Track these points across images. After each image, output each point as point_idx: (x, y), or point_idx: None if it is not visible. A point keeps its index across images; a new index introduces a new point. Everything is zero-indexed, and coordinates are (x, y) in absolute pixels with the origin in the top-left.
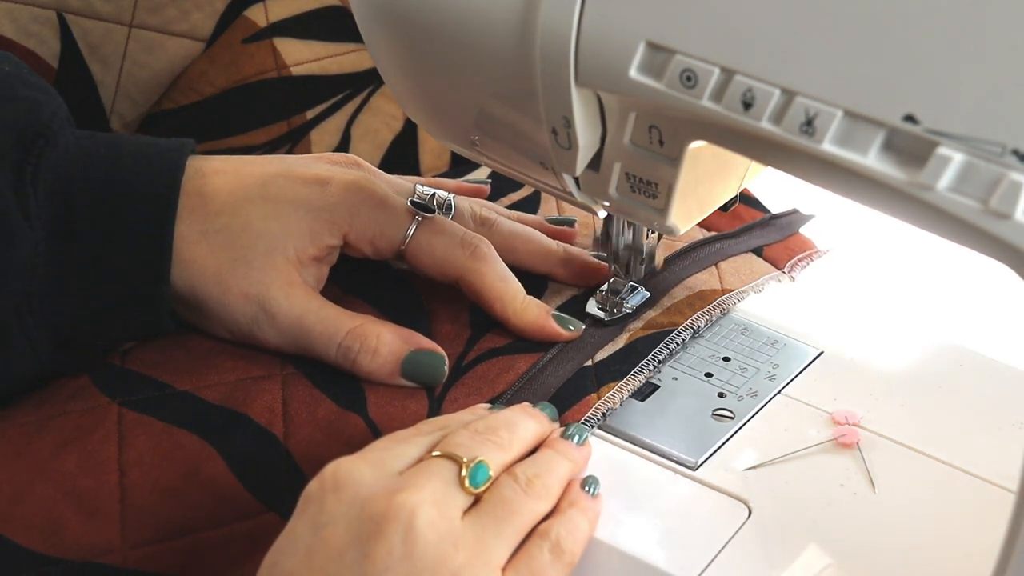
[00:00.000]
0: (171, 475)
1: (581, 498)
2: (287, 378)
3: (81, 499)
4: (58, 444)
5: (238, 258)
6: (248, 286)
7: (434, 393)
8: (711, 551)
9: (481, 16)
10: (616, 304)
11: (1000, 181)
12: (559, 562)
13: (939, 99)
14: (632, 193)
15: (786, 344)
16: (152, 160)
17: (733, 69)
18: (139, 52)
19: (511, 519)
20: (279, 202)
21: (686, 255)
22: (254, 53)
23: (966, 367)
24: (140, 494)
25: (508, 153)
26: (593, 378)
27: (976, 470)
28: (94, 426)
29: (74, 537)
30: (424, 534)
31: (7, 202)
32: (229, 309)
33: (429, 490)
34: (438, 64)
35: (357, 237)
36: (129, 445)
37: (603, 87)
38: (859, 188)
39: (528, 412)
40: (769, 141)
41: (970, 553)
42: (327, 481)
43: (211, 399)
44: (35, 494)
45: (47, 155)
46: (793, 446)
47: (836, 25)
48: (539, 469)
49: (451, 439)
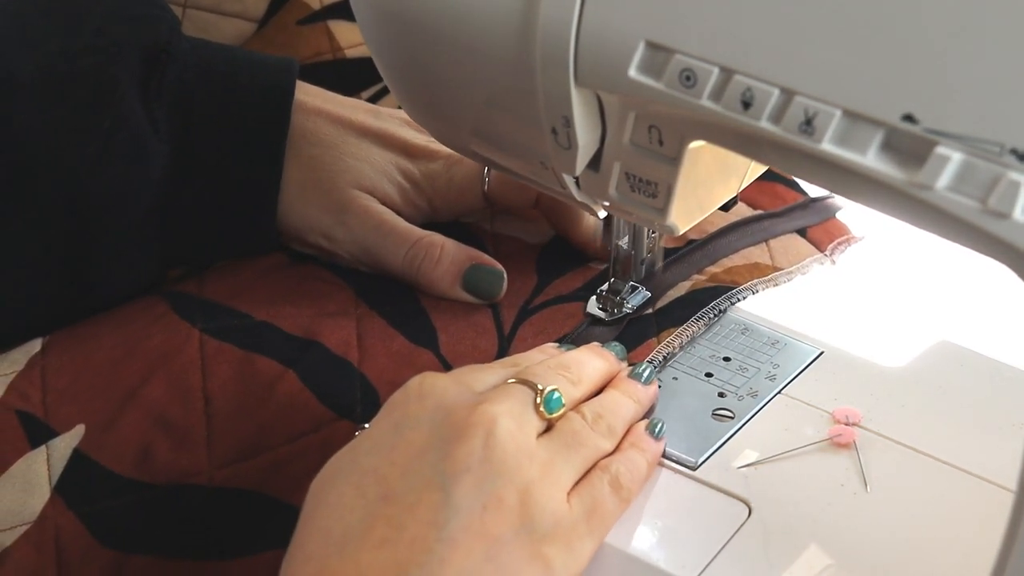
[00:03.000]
0: (251, 398)
1: (643, 439)
2: (361, 316)
3: (169, 426)
4: (145, 371)
5: (323, 179)
6: (328, 201)
7: (503, 332)
8: (711, 551)
9: (481, 16)
10: (616, 304)
11: (999, 180)
12: (617, 496)
13: (938, 98)
14: (632, 193)
15: (786, 344)
16: (268, 74)
17: (732, 68)
18: (193, 32)
19: (579, 449)
20: (370, 154)
21: (736, 228)
22: (309, 35)
23: (966, 367)
24: (223, 419)
25: (508, 153)
26: (654, 323)
27: (976, 470)
28: (177, 352)
29: (164, 462)
30: (504, 441)
31: (139, 118)
32: (307, 218)
33: (508, 405)
34: (438, 64)
35: (443, 207)
36: (212, 374)
37: (603, 87)
38: (858, 188)
39: (596, 351)
40: (768, 140)
41: (970, 553)
42: (412, 390)
43: (288, 329)
44: (125, 422)
45: (170, 69)
46: (793, 446)
47: (835, 25)
48: (604, 409)
49: (527, 370)
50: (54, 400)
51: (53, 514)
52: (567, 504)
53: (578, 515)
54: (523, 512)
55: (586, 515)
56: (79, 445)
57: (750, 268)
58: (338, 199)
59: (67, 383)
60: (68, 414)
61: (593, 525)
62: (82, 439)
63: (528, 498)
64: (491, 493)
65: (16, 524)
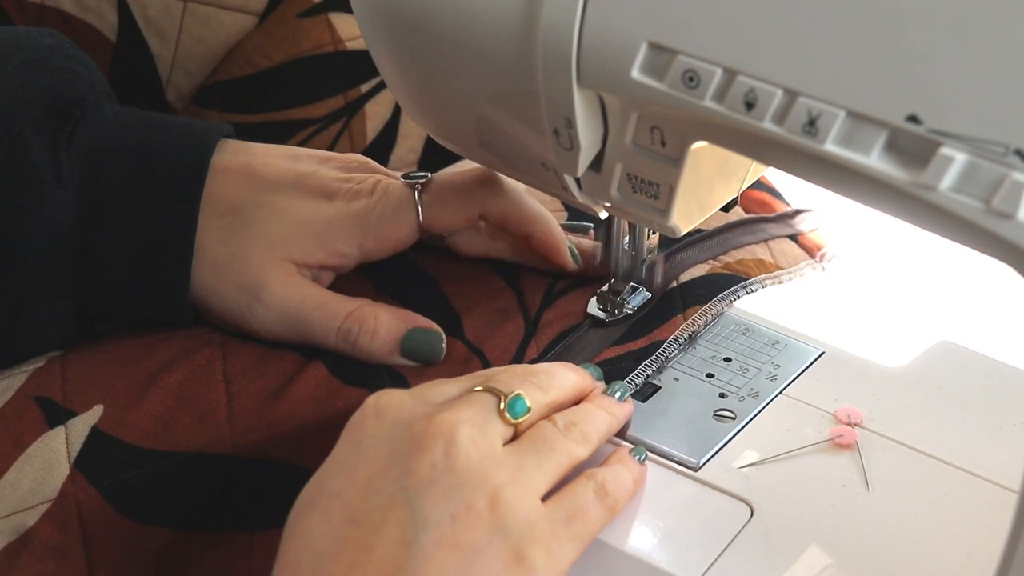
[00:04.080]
0: (275, 380)
1: (627, 459)
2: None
3: (190, 403)
4: (166, 361)
5: (237, 253)
6: (243, 279)
7: (529, 317)
8: (713, 552)
9: (483, 17)
10: (617, 304)
11: (1003, 181)
12: (602, 504)
13: (942, 99)
14: (634, 194)
15: (787, 344)
16: (183, 138)
17: (735, 69)
18: (195, 26)
19: (550, 454)
20: (286, 209)
21: (739, 226)
22: (310, 28)
23: (967, 367)
24: (246, 397)
25: (509, 154)
26: (679, 300)
27: (978, 470)
28: (198, 347)
29: (185, 433)
30: (466, 449)
31: (40, 161)
32: (224, 299)
33: (470, 413)
34: (439, 65)
35: (375, 247)
36: (233, 362)
37: (605, 88)
38: (861, 188)
39: (569, 366)
40: (772, 141)
41: (972, 553)
42: (369, 409)
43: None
44: (147, 400)
45: (83, 124)
46: (795, 447)
47: (839, 25)
48: (577, 418)
49: (492, 378)
50: (73, 386)
51: (73, 490)
52: (541, 507)
53: (557, 518)
54: (494, 517)
55: (566, 519)
56: (98, 423)
57: (757, 263)
58: (252, 276)
59: (87, 372)
60: (87, 397)
61: (575, 529)
62: (100, 417)
63: (498, 502)
64: (459, 501)
65: (37, 503)
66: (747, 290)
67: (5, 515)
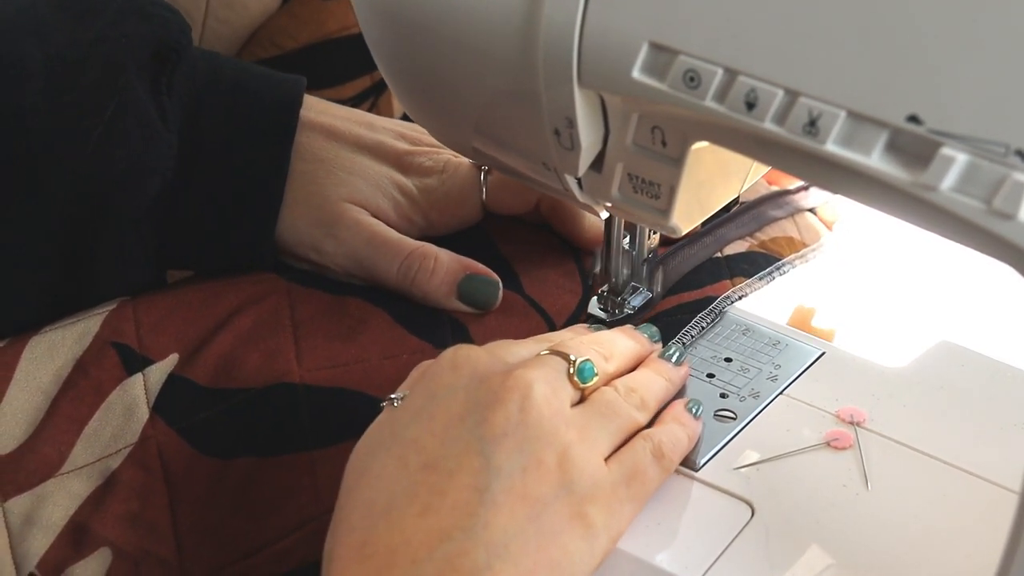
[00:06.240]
0: (342, 328)
1: (683, 415)
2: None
3: (259, 343)
4: (235, 307)
5: (317, 192)
6: (321, 214)
7: (587, 278)
8: (714, 552)
9: (483, 16)
10: (617, 304)
11: (1004, 181)
12: (658, 464)
13: (943, 99)
14: (634, 194)
15: (788, 345)
16: (274, 85)
17: (736, 69)
18: (220, 8)
19: (613, 418)
20: (365, 168)
21: (767, 200)
22: (335, 9)
23: (968, 367)
24: (314, 340)
25: (510, 154)
26: (726, 267)
27: (978, 471)
28: (266, 294)
29: (255, 368)
30: (539, 405)
31: (147, 106)
32: (299, 232)
33: (543, 372)
34: (440, 65)
35: (439, 221)
36: (300, 310)
37: (606, 88)
38: (862, 188)
39: (628, 332)
40: (772, 142)
41: (972, 554)
42: (446, 361)
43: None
44: (216, 342)
45: (180, 68)
46: (795, 447)
47: (839, 25)
48: (636, 384)
49: (560, 344)
50: (147, 332)
51: (154, 433)
52: (605, 468)
53: (617, 478)
54: (562, 473)
55: (626, 479)
56: (174, 371)
57: (787, 241)
58: (329, 212)
59: (159, 318)
60: (162, 344)
61: (634, 490)
62: (176, 365)
63: (566, 460)
64: (530, 455)
65: (121, 447)
66: (781, 271)
67: (92, 461)
